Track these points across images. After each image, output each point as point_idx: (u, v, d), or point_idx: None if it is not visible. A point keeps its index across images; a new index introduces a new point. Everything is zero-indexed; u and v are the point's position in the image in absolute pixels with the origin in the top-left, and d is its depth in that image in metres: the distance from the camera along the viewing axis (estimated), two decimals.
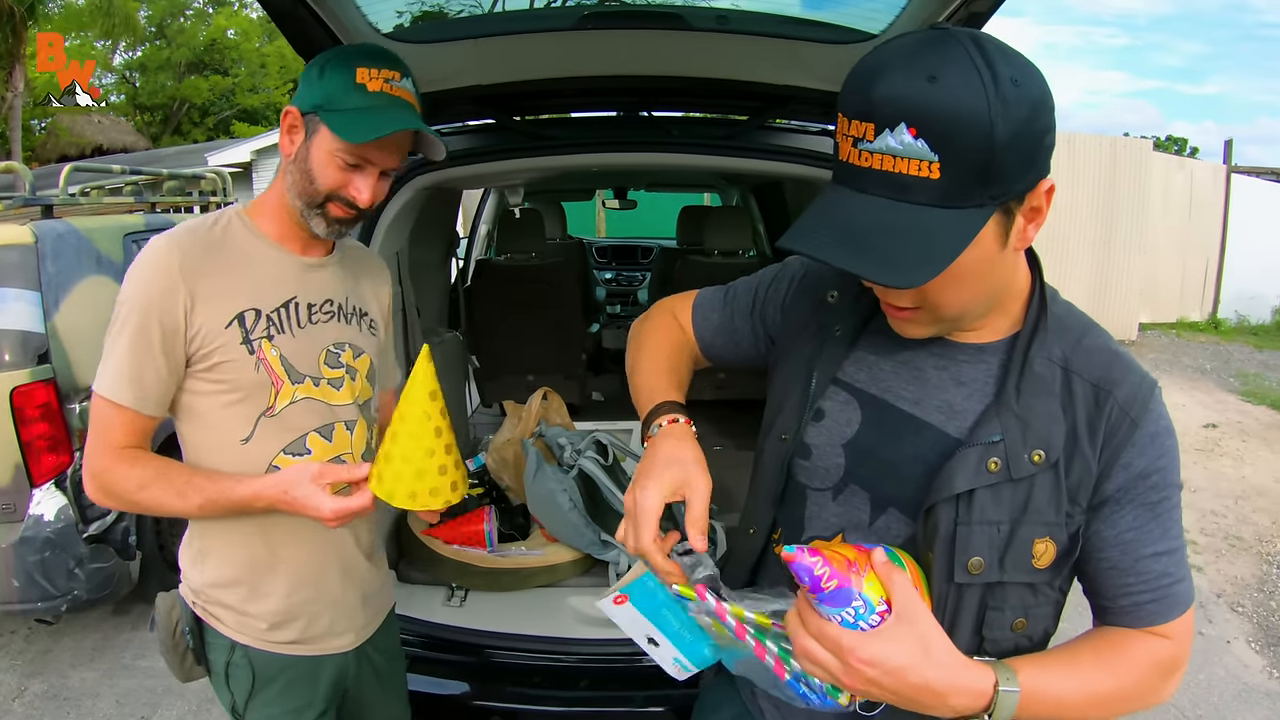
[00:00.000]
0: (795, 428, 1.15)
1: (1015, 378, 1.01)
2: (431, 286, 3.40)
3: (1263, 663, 3.88)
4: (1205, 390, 9.23)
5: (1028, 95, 0.86)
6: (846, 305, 1.16)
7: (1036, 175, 0.90)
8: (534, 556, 2.44)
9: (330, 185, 1.44)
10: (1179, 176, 12.86)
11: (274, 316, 1.48)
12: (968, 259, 0.89)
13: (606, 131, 2.58)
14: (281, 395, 1.47)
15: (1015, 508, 0.99)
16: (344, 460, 1.54)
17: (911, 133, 0.84)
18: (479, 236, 5.55)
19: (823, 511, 1.13)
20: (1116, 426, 0.99)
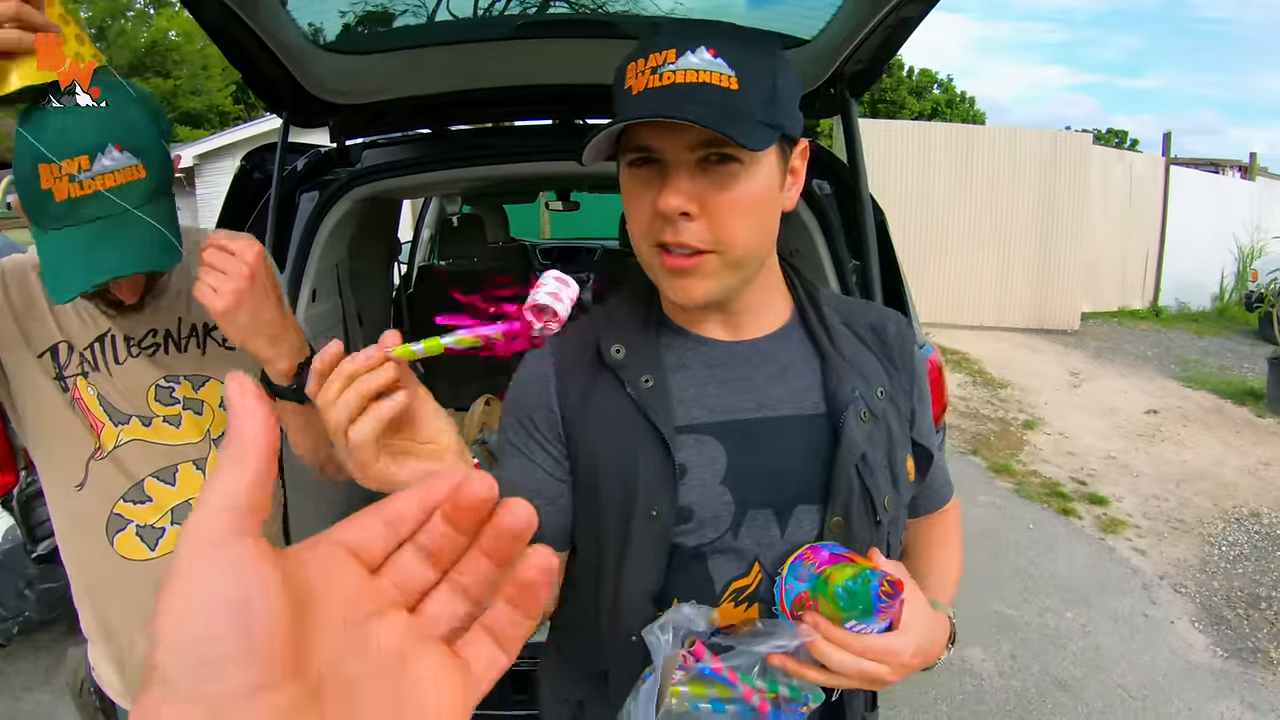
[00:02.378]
0: (666, 497, 1.03)
1: (826, 339, 1.11)
2: (374, 295, 3.38)
3: (1206, 641, 3.99)
4: (1146, 377, 9.43)
5: (785, 63, 0.97)
6: (638, 350, 1.09)
7: (798, 128, 1.00)
8: None
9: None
10: (1118, 169, 13.11)
11: (87, 353, 1.33)
12: (756, 184, 0.97)
13: (543, 140, 2.58)
14: (105, 438, 1.33)
15: (886, 442, 1.09)
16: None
17: (710, 52, 0.91)
18: (422, 241, 5.51)
19: (729, 556, 1.06)
20: (902, 352, 1.16)
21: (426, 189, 3.91)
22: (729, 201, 0.96)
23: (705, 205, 0.96)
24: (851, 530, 1.05)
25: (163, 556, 1.38)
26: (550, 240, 7.64)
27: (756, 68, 0.93)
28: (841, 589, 0.93)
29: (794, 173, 1.05)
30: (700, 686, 0.95)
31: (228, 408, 0.35)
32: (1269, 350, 8.67)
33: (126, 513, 1.36)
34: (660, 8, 2.12)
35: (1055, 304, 12.12)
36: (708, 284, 1.01)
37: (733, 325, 1.11)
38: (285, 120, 2.28)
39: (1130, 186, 13.20)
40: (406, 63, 2.27)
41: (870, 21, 1.92)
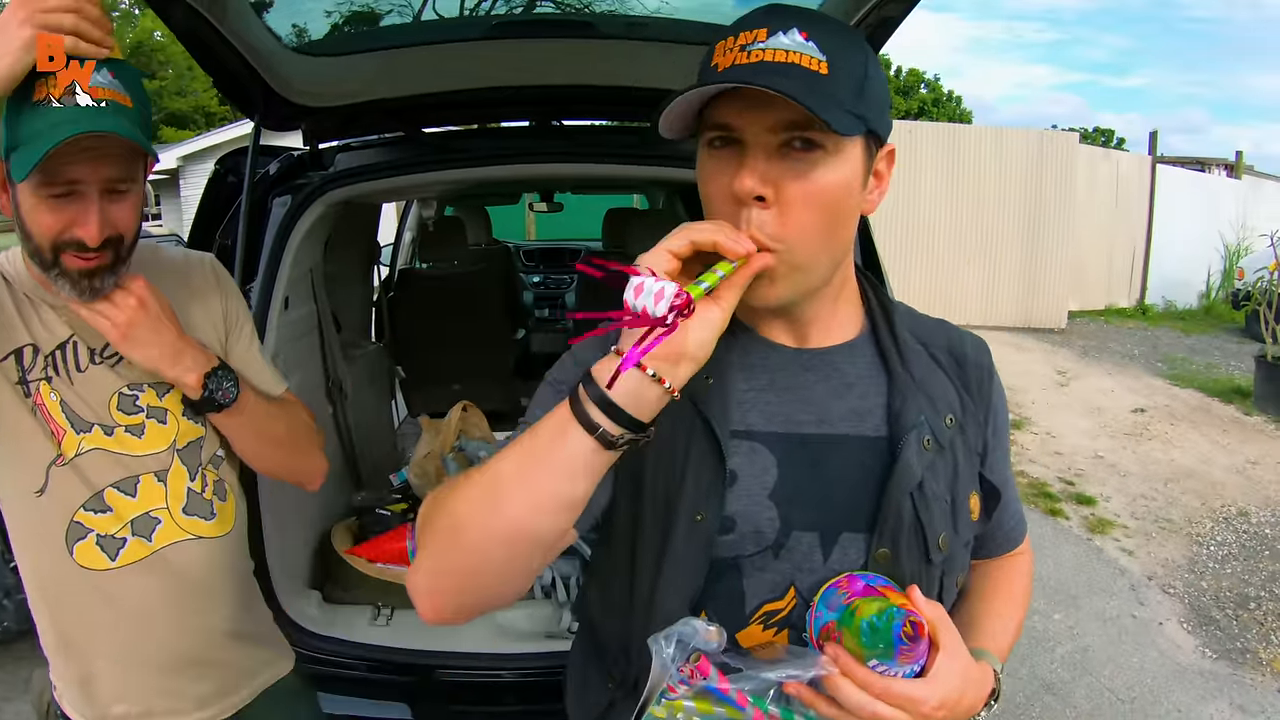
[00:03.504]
0: (714, 502, 0.98)
1: (897, 359, 1.04)
2: (352, 299, 3.35)
3: (1195, 643, 3.98)
4: (1133, 375, 9.46)
5: (880, 66, 0.95)
6: None
7: (887, 129, 0.96)
8: None
9: (49, 234, 1.20)
10: (1105, 167, 13.17)
11: (52, 358, 1.30)
12: (838, 176, 0.91)
13: (519, 142, 2.55)
14: (66, 445, 1.30)
15: (949, 474, 1.03)
16: (157, 519, 1.36)
17: (803, 35, 0.88)
18: (404, 244, 5.49)
19: (766, 575, 1.00)
20: (980, 381, 1.10)
21: (402, 193, 3.89)
22: (805, 191, 0.90)
23: (781, 192, 0.90)
24: (899, 565, 0.99)
25: (123, 567, 1.35)
26: (534, 242, 7.62)
27: (848, 55, 0.89)
28: (866, 624, 0.88)
29: (878, 176, 0.99)
30: (706, 703, 0.91)
31: None
32: (1256, 348, 8.71)
33: (87, 521, 1.33)
34: (647, 7, 2.11)
35: (1042, 303, 12.15)
36: (782, 286, 0.94)
37: (799, 333, 1.05)
38: (256, 124, 2.25)
39: (1117, 185, 13.26)
40: (379, 64, 2.24)
41: (852, 19, 1.90)
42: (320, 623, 2.20)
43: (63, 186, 1.18)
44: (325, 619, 2.25)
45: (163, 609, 1.39)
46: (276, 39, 2.07)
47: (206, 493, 1.43)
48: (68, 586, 1.35)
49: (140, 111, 1.22)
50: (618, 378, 0.81)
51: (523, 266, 6.18)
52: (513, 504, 0.86)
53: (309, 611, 2.23)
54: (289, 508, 2.25)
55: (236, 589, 1.50)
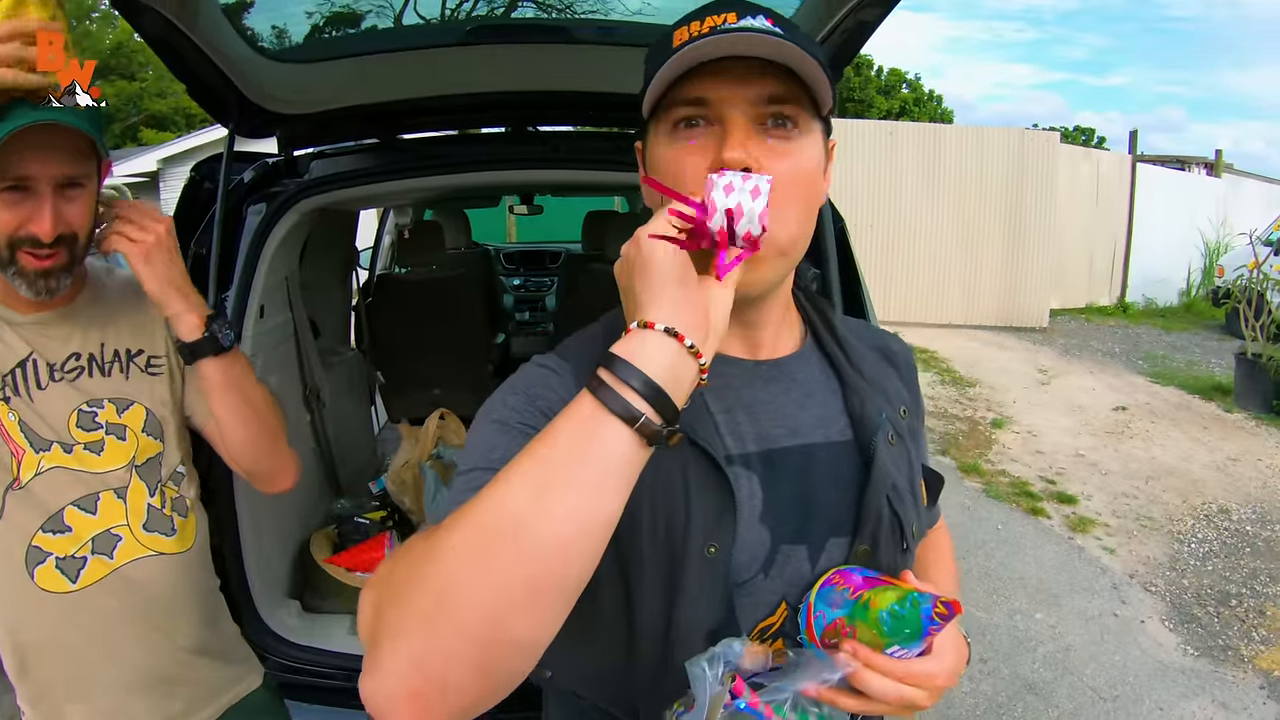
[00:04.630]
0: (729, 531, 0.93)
1: (845, 361, 1.06)
2: (330, 305, 3.33)
3: (1176, 640, 4.01)
4: (1114, 373, 9.52)
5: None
6: None
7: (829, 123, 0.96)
8: None
9: (3, 230, 1.22)
10: (1085, 167, 13.26)
11: (8, 379, 1.31)
12: (808, 157, 0.91)
13: (496, 149, 2.54)
14: (25, 466, 1.30)
15: (907, 465, 1.06)
16: (118, 536, 1.36)
17: (769, 21, 0.86)
18: (383, 248, 5.45)
19: (760, 594, 0.96)
20: (905, 371, 1.15)
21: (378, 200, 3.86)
22: (788, 170, 0.87)
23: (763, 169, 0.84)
24: (878, 558, 0.99)
25: (85, 589, 1.34)
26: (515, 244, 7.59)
27: (804, 40, 0.86)
28: (886, 613, 0.88)
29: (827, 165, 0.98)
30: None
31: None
32: (1236, 345, 8.79)
33: (45, 544, 1.32)
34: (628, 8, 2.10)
35: (1024, 302, 12.23)
36: (763, 270, 0.90)
37: (753, 341, 1.01)
38: (231, 131, 2.23)
39: (1097, 184, 13.36)
40: (354, 71, 2.22)
41: (827, 24, 1.89)
42: (299, 632, 2.19)
43: (13, 180, 1.20)
44: (304, 628, 2.24)
45: (126, 628, 1.38)
46: (250, 45, 2.05)
47: (166, 509, 1.43)
48: (29, 611, 1.34)
49: (92, 113, 1.23)
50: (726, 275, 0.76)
51: (503, 269, 6.15)
52: (541, 544, 0.69)
53: (288, 621, 2.22)
54: (267, 516, 2.24)
55: (200, 605, 1.51)
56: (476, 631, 0.68)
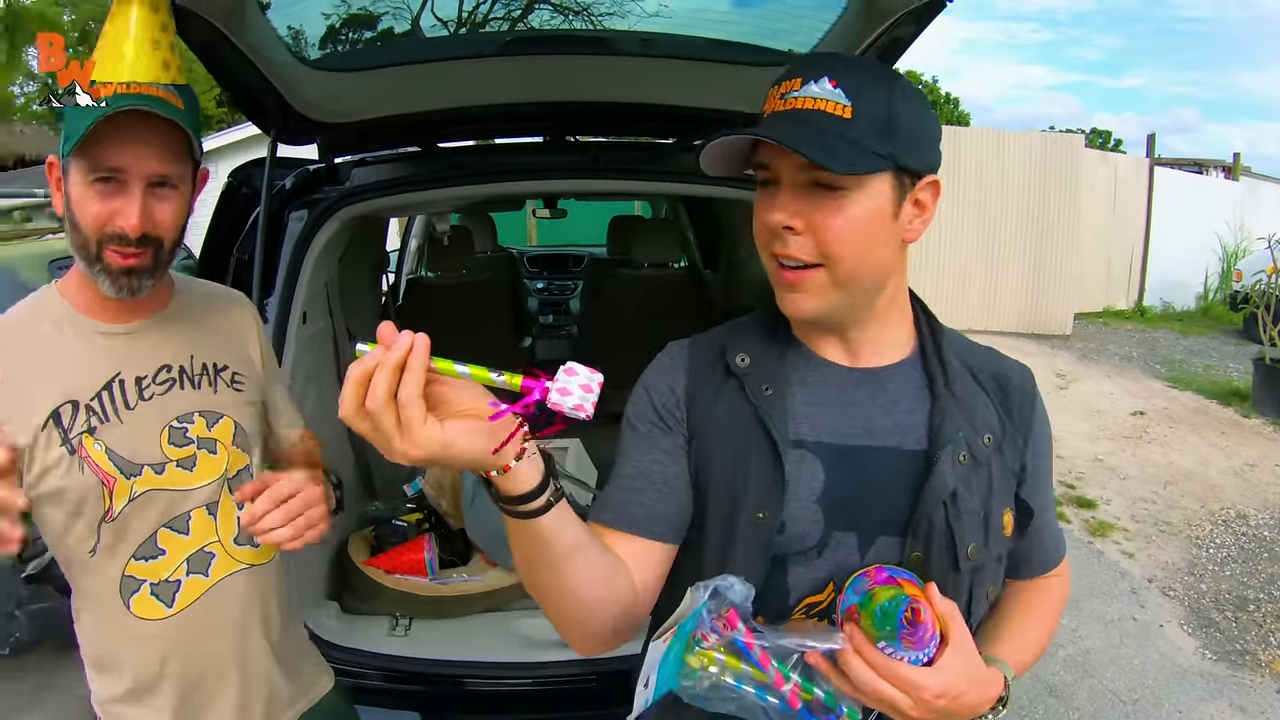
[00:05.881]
0: (774, 503, 1.07)
1: (942, 378, 1.12)
2: (362, 310, 3.37)
3: (1195, 644, 4.01)
4: (1132, 378, 9.48)
5: (919, 102, 1.05)
6: (761, 361, 1.14)
7: (924, 163, 1.05)
8: (475, 583, 2.43)
9: (92, 223, 1.22)
10: (1103, 170, 13.15)
11: (94, 405, 1.28)
12: (864, 209, 1.02)
13: (533, 158, 2.58)
14: (117, 494, 1.28)
15: (984, 490, 1.10)
16: (212, 553, 1.36)
17: (831, 83, 1.00)
18: (409, 252, 5.49)
19: (808, 571, 1.10)
20: (1022, 407, 1.17)
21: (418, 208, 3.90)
22: (830, 222, 1.02)
23: (810, 222, 1.03)
24: (929, 568, 1.07)
25: (181, 612, 1.35)
26: (537, 248, 7.61)
27: (871, 98, 1.00)
28: (879, 608, 0.96)
29: (919, 205, 1.08)
30: (735, 660, 0.96)
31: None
32: (1254, 350, 8.74)
33: (138, 572, 1.31)
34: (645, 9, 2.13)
35: (1048, 308, 12.04)
36: (814, 300, 1.07)
37: (852, 352, 1.15)
38: (273, 139, 2.27)
39: (1115, 188, 13.25)
40: (395, 80, 2.26)
41: (864, 41, 1.94)
42: (338, 633, 2.21)
43: (106, 171, 1.21)
44: (343, 630, 2.28)
45: (220, 644, 1.38)
46: (294, 54, 2.10)
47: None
48: (128, 640, 1.33)
49: (192, 121, 1.25)
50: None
51: (526, 272, 6.18)
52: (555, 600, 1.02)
53: (327, 622, 2.24)
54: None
55: (280, 613, 1.51)
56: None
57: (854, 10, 1.93)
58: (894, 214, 1.05)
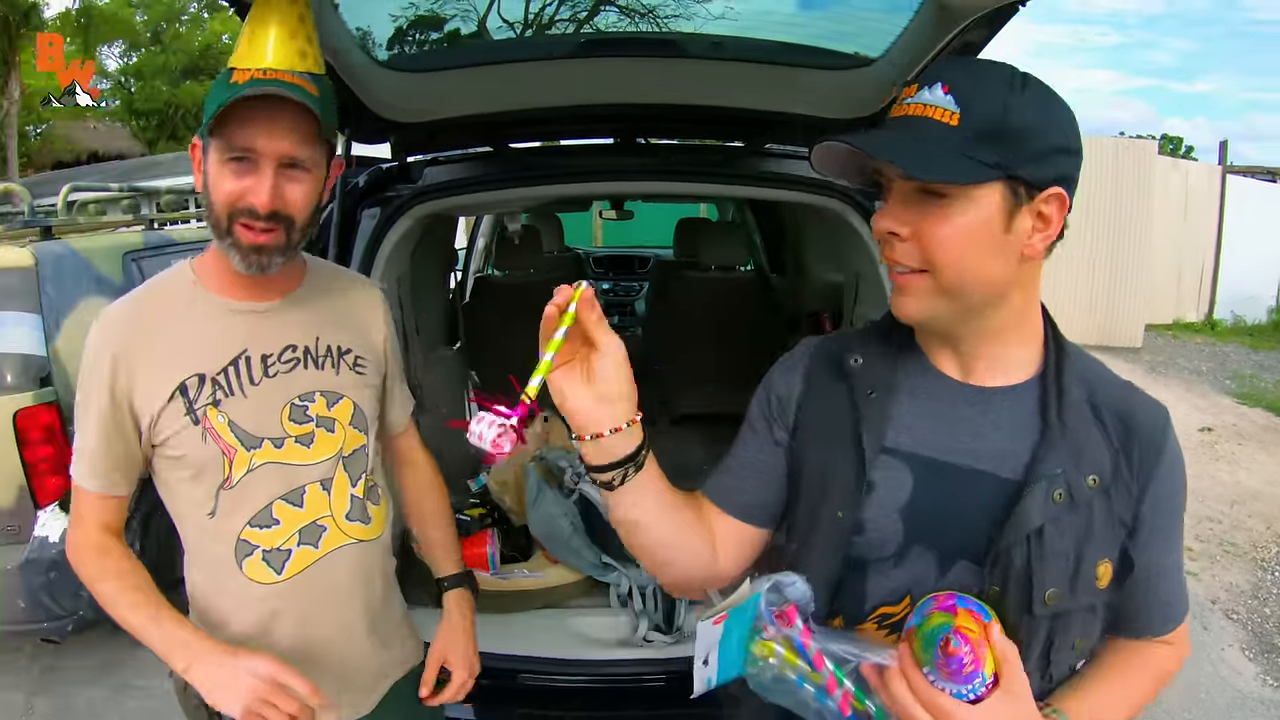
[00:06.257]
0: (852, 504, 1.10)
1: (1055, 409, 1.07)
2: (432, 305, 3.41)
3: (1256, 670, 3.91)
4: (1200, 393, 9.26)
5: (1048, 110, 1.01)
6: (873, 365, 1.16)
7: (1045, 174, 1.00)
8: (536, 579, 2.45)
9: (225, 198, 1.29)
10: (1174, 177, 12.83)
11: (220, 379, 1.36)
12: (970, 219, 1.00)
13: (604, 159, 2.60)
14: (237, 464, 1.36)
15: (1079, 534, 1.04)
16: (323, 526, 1.43)
17: (944, 89, 1.00)
18: (476, 250, 5.55)
19: (886, 580, 1.12)
20: (1145, 452, 1.08)
21: (488, 207, 3.93)
22: (934, 230, 1.01)
23: (916, 230, 1.03)
24: (1005, 606, 1.03)
25: (290, 579, 1.41)
26: (602, 248, 7.65)
27: (984, 105, 0.98)
28: (927, 634, 0.96)
29: (1042, 219, 1.02)
30: (793, 656, 1.01)
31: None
32: None
33: (253, 538, 1.38)
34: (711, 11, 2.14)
35: (1118, 320, 11.72)
36: (919, 303, 1.06)
37: (966, 367, 1.13)
38: (347, 138, 2.32)
39: (1186, 196, 12.92)
40: (466, 81, 2.29)
41: (936, 45, 1.92)
42: None
43: (240, 151, 1.27)
44: None
45: (324, 613, 1.45)
46: (368, 55, 2.14)
47: (365, 498, 1.49)
48: (238, 603, 1.41)
49: (324, 107, 1.31)
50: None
51: (592, 273, 6.20)
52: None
53: None
54: None
55: (384, 588, 1.58)
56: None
57: (925, 13, 1.91)
58: (1005, 226, 1.01)
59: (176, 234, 5.14)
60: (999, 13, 1.72)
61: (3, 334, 3.48)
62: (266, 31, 1.30)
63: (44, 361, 3.51)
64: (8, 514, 3.46)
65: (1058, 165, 1.01)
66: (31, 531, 3.45)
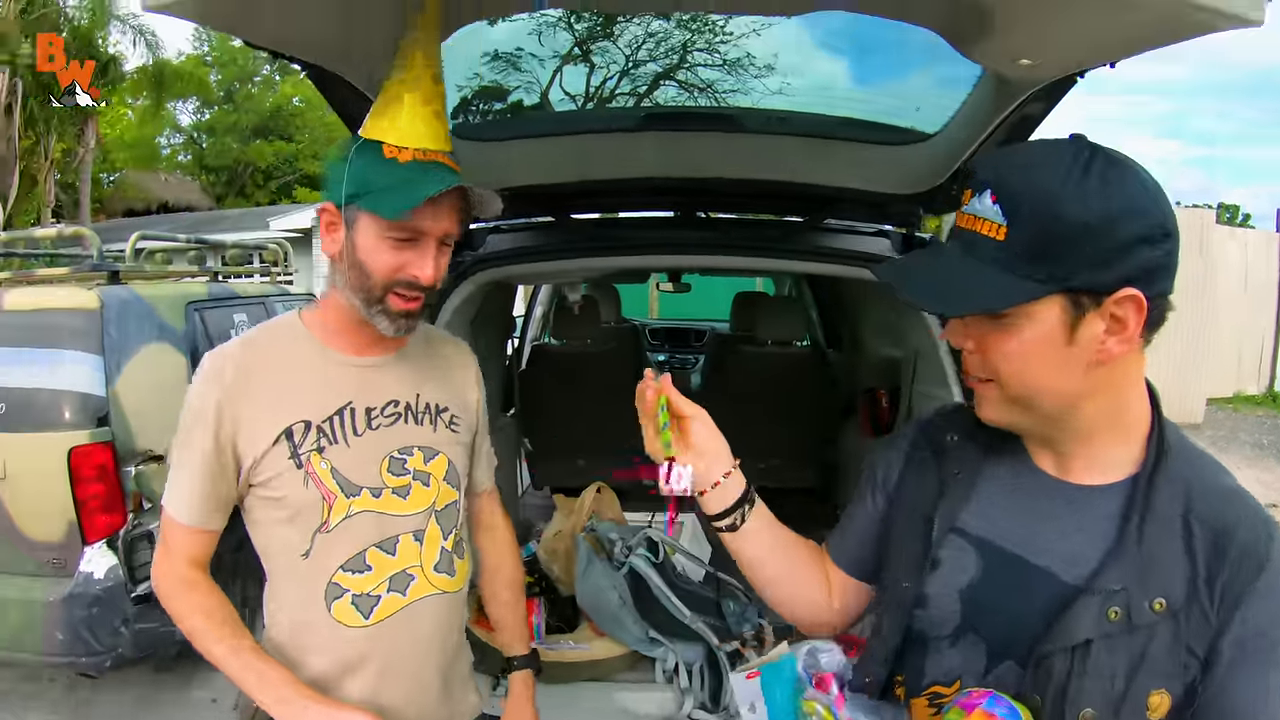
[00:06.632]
0: (917, 577, 1.12)
1: (1137, 521, 0.99)
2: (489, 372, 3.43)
3: None
4: (1265, 467, 8.98)
5: (1115, 197, 0.92)
6: (967, 446, 1.15)
7: (1113, 277, 0.93)
8: (582, 651, 2.42)
9: (386, 272, 1.35)
10: (1232, 246, 12.61)
11: (325, 427, 1.41)
12: (1028, 335, 0.97)
13: (664, 232, 2.61)
14: (335, 510, 1.40)
15: (1132, 658, 0.96)
16: (412, 575, 1.46)
17: (993, 199, 0.96)
18: (534, 318, 5.59)
19: (941, 659, 1.10)
20: (1237, 577, 0.96)
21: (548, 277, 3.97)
22: (994, 346, 1.01)
23: (980, 342, 1.03)
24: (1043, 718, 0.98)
25: (376, 624, 1.44)
26: (658, 320, 7.71)
27: (1031, 213, 0.94)
28: None
29: (1117, 322, 0.95)
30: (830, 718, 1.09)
31: None
32: None
33: (344, 582, 1.42)
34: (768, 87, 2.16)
35: (1180, 394, 11.26)
36: (994, 410, 1.07)
37: (1063, 465, 1.08)
38: None
39: (1246, 265, 12.69)
40: (530, 152, 2.33)
41: (994, 120, 1.92)
42: None
43: (411, 233, 1.35)
44: None
45: (404, 660, 1.48)
46: None
47: (453, 551, 1.53)
48: (324, 641, 1.44)
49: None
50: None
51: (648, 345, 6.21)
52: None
53: None
54: None
55: (458, 640, 1.62)
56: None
57: (983, 88, 1.91)
58: (1067, 338, 0.96)
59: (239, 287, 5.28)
60: (1057, 85, 1.71)
61: (64, 372, 3.59)
62: (421, 108, 1.35)
63: (102, 402, 3.61)
64: (56, 548, 3.54)
65: (1132, 261, 0.93)
66: (77, 566, 3.52)
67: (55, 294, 3.81)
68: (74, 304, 3.71)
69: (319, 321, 1.47)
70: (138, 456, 3.67)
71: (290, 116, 30.91)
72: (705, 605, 2.48)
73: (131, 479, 3.63)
